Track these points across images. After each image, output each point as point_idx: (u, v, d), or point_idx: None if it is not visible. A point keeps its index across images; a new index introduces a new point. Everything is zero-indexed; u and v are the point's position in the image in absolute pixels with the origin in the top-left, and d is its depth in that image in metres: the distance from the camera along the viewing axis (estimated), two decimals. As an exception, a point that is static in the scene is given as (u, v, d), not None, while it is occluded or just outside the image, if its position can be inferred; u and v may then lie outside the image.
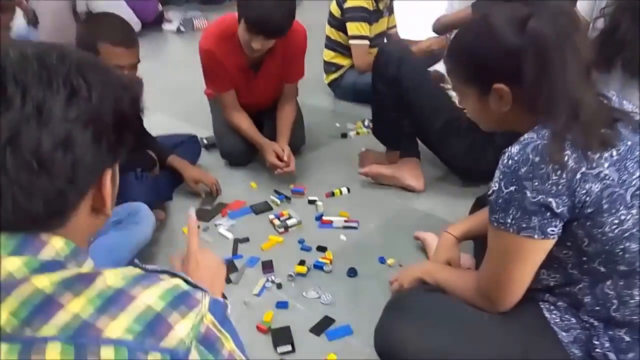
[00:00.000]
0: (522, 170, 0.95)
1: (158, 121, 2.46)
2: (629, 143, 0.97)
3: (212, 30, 2.11)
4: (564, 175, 0.93)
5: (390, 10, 2.96)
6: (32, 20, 4.68)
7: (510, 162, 0.97)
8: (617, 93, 1.09)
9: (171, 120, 2.86)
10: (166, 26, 5.39)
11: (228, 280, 1.59)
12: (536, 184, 0.94)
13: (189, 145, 2.24)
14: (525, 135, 0.99)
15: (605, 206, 0.94)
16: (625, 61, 1.40)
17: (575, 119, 0.95)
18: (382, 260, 1.65)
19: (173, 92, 3.11)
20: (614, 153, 0.95)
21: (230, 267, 1.65)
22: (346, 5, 2.74)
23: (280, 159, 2.05)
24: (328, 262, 1.64)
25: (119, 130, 0.61)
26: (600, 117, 0.98)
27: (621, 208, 0.95)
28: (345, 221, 1.85)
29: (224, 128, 2.28)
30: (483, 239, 1.15)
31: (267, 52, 2.03)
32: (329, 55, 2.93)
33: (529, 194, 0.95)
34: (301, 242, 1.77)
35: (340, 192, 2.05)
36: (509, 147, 1.00)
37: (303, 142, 2.38)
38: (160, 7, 5.57)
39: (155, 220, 1.70)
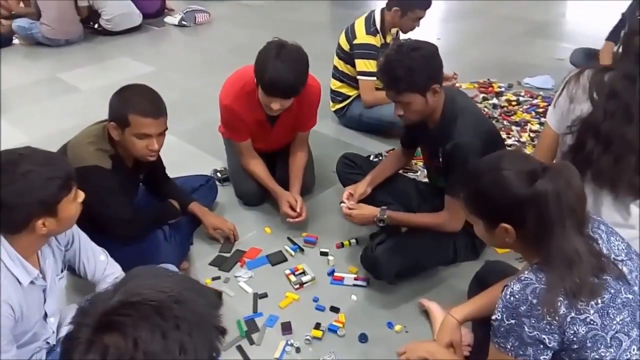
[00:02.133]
0: (522, 309, 1.13)
1: (166, 143, 2.54)
2: (612, 291, 1.14)
3: (232, 85, 2.20)
4: (557, 318, 1.10)
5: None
6: (36, 13, 4.70)
7: (512, 298, 1.14)
8: (591, 204, 1.22)
9: (180, 144, 2.98)
10: (168, 19, 5.38)
11: (251, 342, 1.77)
12: (533, 321, 1.11)
13: (206, 191, 2.36)
14: (526, 275, 1.15)
15: (589, 344, 1.12)
16: (595, 175, 1.49)
17: (570, 270, 1.12)
18: (390, 326, 1.83)
19: (179, 106, 3.13)
20: (599, 301, 1.12)
21: (252, 326, 1.83)
22: (355, 41, 2.82)
23: (293, 208, 2.19)
24: (341, 325, 1.82)
25: None
26: (591, 268, 1.14)
27: (602, 347, 1.13)
28: (355, 279, 2.02)
29: (239, 170, 2.41)
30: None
31: (284, 107, 2.14)
32: (335, 84, 3.03)
33: (526, 329, 1.12)
34: (315, 300, 1.94)
35: (350, 244, 2.20)
36: (511, 283, 1.16)
37: (313, 184, 2.52)
38: (162, -3, 5.52)
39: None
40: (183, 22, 5.24)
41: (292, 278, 2.03)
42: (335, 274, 2.05)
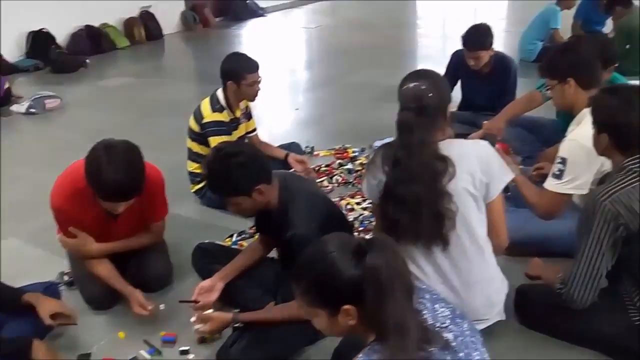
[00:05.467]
0: None
1: (9, 248, 2.26)
2: None
3: (63, 185, 2.05)
4: None
5: (248, 116, 3.08)
6: None
7: None
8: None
9: (25, 248, 2.70)
10: (14, 107, 5.01)
11: None
12: None
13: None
14: (360, 355, 1.14)
15: None
16: (402, 235, 1.71)
17: (403, 342, 1.11)
18: None
19: (26, 204, 2.89)
20: None
21: None
22: (204, 121, 2.82)
23: (144, 307, 2.04)
24: None
25: None
26: (419, 341, 1.15)
27: None
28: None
29: (83, 273, 2.21)
30: None
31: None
32: (192, 166, 2.97)
33: None
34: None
35: (212, 338, 2.07)
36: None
37: (170, 274, 2.37)
38: (6, 84, 5.17)
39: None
40: (31, 110, 4.90)
41: (148, 387, 1.85)
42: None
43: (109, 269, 2.15)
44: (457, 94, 3.73)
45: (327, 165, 3.39)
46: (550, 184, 2.14)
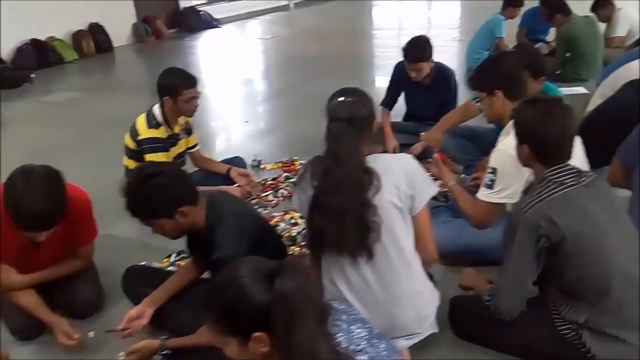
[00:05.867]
0: None
1: None
2: None
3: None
4: None
5: (189, 132, 3.02)
6: None
7: None
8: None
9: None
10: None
11: None
12: None
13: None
14: None
15: None
16: (330, 245, 1.75)
17: None
18: None
19: None
20: None
21: None
22: (139, 137, 2.74)
23: (70, 337, 1.96)
24: None
25: None
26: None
27: None
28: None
29: (7, 304, 2.09)
30: None
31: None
32: (129, 184, 2.88)
33: None
34: None
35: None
36: None
37: (100, 300, 2.28)
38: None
39: None
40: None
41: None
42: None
43: (33, 299, 2.05)
44: (401, 105, 3.76)
45: (273, 179, 3.36)
46: (483, 194, 2.17)
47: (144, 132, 2.74)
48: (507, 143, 2.11)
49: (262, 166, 3.58)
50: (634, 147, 2.28)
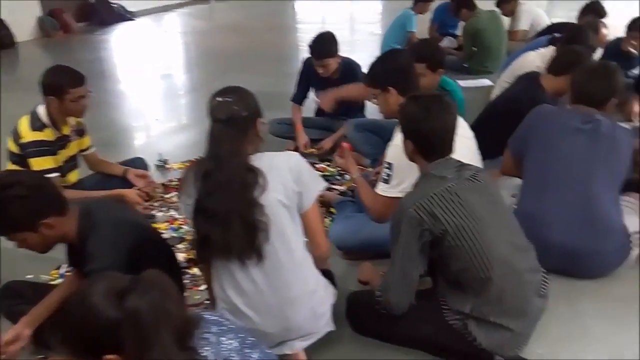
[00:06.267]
0: None
1: None
2: None
3: None
4: None
5: (81, 133, 2.83)
6: None
7: None
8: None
9: None
10: None
11: None
12: None
13: None
14: None
15: None
16: (216, 250, 1.67)
17: None
18: None
19: None
20: None
21: None
22: (21, 141, 2.54)
23: None
24: None
25: None
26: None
27: None
28: None
29: None
30: None
31: None
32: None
33: None
34: None
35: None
36: None
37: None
38: None
39: None
40: None
41: None
42: None
43: None
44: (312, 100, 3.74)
45: (178, 179, 3.23)
46: (380, 189, 2.18)
47: (27, 134, 2.53)
48: (401, 138, 2.13)
49: (167, 166, 3.44)
50: (522, 138, 2.37)
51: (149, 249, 1.76)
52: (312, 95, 3.66)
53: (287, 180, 1.70)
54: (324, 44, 3.31)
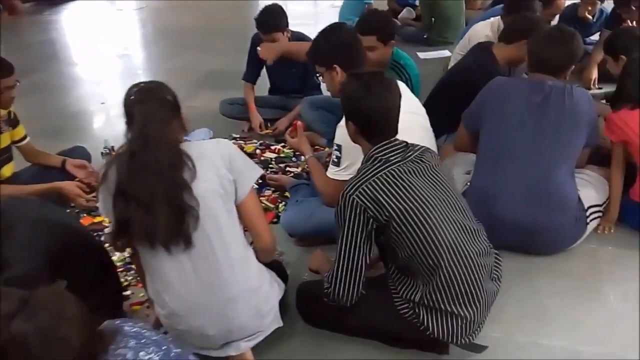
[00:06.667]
0: None
1: None
2: None
3: None
4: None
5: (13, 123, 2.64)
6: None
7: None
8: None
9: None
10: None
11: None
12: None
13: None
14: None
15: None
16: (138, 237, 1.55)
17: None
18: None
19: None
20: None
21: None
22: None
23: None
24: None
25: None
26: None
27: None
28: None
29: None
30: None
31: None
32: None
33: None
34: None
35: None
36: None
37: None
38: None
39: None
40: None
41: None
42: None
43: None
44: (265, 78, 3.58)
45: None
46: (331, 172, 2.08)
47: (-53, 128, 2.34)
48: (345, 119, 2.02)
49: (114, 153, 3.25)
50: (476, 113, 2.28)
51: (74, 249, 1.63)
52: (264, 72, 3.51)
53: (219, 167, 1.58)
54: (272, 17, 3.14)
